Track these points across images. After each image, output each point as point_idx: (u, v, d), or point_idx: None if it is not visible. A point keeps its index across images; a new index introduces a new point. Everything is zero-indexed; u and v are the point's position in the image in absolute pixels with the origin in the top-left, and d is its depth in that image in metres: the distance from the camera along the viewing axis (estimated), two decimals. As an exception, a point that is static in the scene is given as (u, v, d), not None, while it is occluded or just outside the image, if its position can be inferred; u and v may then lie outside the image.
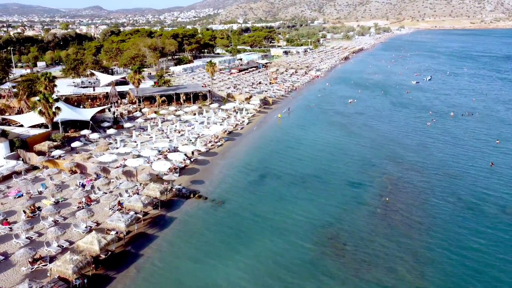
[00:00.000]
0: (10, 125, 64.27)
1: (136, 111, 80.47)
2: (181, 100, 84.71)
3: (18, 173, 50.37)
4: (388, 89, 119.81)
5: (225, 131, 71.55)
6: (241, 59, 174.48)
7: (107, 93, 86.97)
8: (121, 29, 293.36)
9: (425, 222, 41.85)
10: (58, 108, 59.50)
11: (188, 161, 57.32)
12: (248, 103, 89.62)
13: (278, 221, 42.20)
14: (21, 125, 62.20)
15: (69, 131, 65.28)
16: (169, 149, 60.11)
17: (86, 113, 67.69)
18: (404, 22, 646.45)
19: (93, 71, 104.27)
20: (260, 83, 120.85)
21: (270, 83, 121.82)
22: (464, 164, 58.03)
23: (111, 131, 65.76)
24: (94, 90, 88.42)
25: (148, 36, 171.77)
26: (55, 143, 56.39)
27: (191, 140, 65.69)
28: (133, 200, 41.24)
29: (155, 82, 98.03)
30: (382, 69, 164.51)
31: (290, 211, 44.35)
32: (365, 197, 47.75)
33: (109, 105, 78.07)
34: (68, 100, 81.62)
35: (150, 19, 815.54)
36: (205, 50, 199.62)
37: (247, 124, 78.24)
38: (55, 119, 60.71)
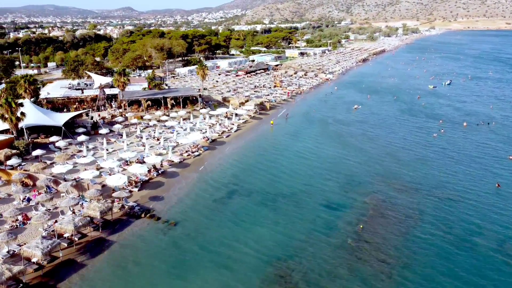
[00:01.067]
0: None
1: (120, 115, 76.46)
2: (169, 105, 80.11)
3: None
4: (401, 94, 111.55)
5: (208, 139, 66.40)
6: (253, 61, 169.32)
7: (96, 95, 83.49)
8: (145, 29, 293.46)
9: (401, 259, 35.25)
10: (22, 114, 55.83)
11: (154, 173, 52.50)
12: (242, 108, 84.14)
13: (229, 252, 36.56)
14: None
15: (40, 138, 61.70)
16: (138, 159, 55.49)
17: (59, 118, 64.03)
18: (435, 23, 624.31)
19: (89, 73, 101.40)
20: (263, 86, 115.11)
21: (275, 86, 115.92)
22: (465, 185, 50.50)
23: (82, 137, 61.76)
24: (82, 92, 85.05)
25: (160, 36, 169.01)
26: (14, 151, 52.67)
27: (165, 149, 60.96)
28: (65, 222, 36.58)
29: (149, 85, 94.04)
30: (400, 72, 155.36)
31: (246, 238, 38.66)
32: (338, 224, 41.42)
33: (87, 110, 74.22)
34: (53, 103, 78.62)
35: (179, 20, 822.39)
36: (219, 51, 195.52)
37: (235, 131, 72.84)
38: (20, 125, 57.11)
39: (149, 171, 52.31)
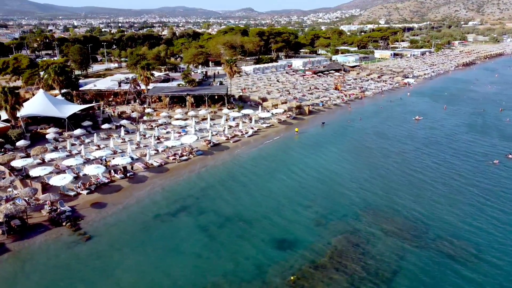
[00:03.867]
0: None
1: (134, 111, 74.05)
2: (188, 103, 75.41)
3: None
4: (491, 106, 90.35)
5: (209, 142, 59.84)
6: (334, 61, 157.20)
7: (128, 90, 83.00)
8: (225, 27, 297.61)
9: None
10: (18, 104, 56.09)
11: (119, 176, 47.86)
12: (269, 112, 75.52)
13: (121, 283, 29.81)
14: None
15: (44, 129, 61.85)
16: (102, 158, 51.31)
17: (68, 110, 63.61)
18: None
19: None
20: (316, 88, 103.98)
21: (336, 88, 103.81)
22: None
23: (78, 131, 60.25)
24: (119, 86, 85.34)
25: (242, 34, 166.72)
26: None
27: (158, 150, 56.28)
28: (-41, 222, 33.66)
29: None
30: (508, 79, 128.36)
31: (151, 269, 31.33)
32: (270, 270, 31.45)
33: (99, 103, 73.13)
34: (84, 95, 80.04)
35: (294, 20, 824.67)
36: (304, 50, 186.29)
37: (249, 136, 64.86)
38: (18, 114, 57.65)
39: (109, 172, 47.91)
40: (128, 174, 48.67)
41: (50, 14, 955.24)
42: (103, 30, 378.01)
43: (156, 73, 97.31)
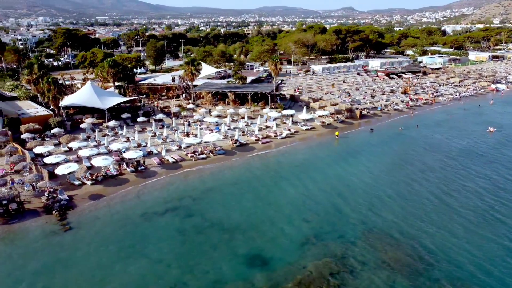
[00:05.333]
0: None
1: (181, 106, 74.43)
2: (228, 100, 73.59)
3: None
4: None
5: (235, 142, 57.44)
6: (420, 62, 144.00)
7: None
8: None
9: None
10: (60, 93, 59.47)
11: (129, 169, 47.84)
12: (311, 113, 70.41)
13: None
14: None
15: (85, 118, 64.80)
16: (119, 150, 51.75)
17: (109, 102, 66.02)
18: None
19: (202, 63, 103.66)
20: (382, 90, 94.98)
21: (404, 91, 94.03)
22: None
23: (111, 123, 62.07)
24: (173, 81, 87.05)
25: (321, 32, 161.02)
26: (36, 127, 56.58)
27: (179, 146, 55.58)
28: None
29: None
30: None
31: (97, 273, 30.10)
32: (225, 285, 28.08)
33: (140, 97, 74.32)
34: (139, 88, 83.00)
35: (396, 19, 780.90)
36: (390, 50, 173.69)
37: (282, 138, 61.00)
38: (61, 104, 61.22)
39: (119, 165, 48.06)
40: (139, 168, 48.41)
41: (160, 14, 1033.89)
42: (200, 28, 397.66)
43: (214, 69, 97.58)
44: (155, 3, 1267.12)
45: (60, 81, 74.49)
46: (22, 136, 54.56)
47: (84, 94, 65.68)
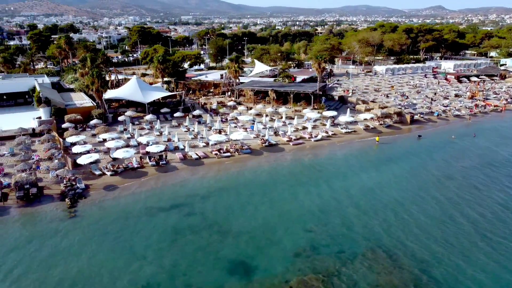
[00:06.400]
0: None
1: (223, 103, 74.21)
2: (269, 98, 71.62)
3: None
4: None
5: (265, 141, 55.69)
6: (502, 64, 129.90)
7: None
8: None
9: None
10: (103, 87, 62.18)
11: (150, 163, 48.41)
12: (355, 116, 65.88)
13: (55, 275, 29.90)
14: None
15: (124, 111, 67.00)
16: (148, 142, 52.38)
17: (151, 96, 67.82)
18: None
19: (256, 61, 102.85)
20: (446, 94, 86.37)
21: (472, 96, 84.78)
22: None
23: (148, 116, 63.53)
24: (221, 78, 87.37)
25: (392, 31, 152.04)
26: (77, 117, 59.76)
27: (207, 143, 55.25)
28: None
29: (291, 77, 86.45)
30: None
31: (83, 265, 30.41)
32: (189, 294, 26.71)
33: (180, 92, 74.86)
34: (189, 84, 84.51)
35: (491, 18, 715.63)
36: (471, 52, 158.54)
37: (316, 140, 57.92)
38: (105, 96, 64.08)
39: (141, 158, 48.77)
40: (160, 163, 48.78)
41: (241, 13, 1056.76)
42: (276, 27, 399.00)
43: (267, 67, 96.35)
44: (236, 3, 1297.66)
45: (113, 76, 78.30)
46: (63, 125, 57.91)
47: (129, 88, 68.16)
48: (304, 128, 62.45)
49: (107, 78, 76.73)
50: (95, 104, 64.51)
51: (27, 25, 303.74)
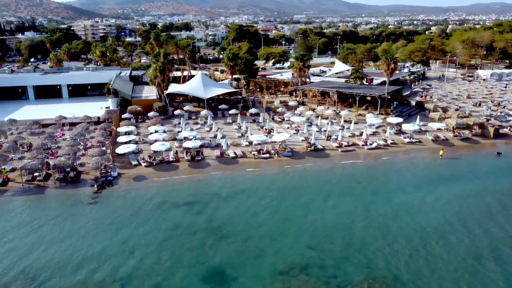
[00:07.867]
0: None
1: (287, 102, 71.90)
2: (330, 99, 67.06)
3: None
4: None
5: (310, 144, 52.43)
6: None
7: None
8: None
9: None
10: (164, 81, 64.81)
11: (186, 157, 48.87)
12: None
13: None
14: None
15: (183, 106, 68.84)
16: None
17: (212, 92, 68.66)
18: None
19: (336, 60, 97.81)
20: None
21: None
22: None
23: (203, 112, 64.21)
24: (292, 76, 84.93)
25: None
26: (138, 109, 63.18)
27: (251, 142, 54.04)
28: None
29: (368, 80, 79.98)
30: None
31: (79, 251, 31.70)
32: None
33: (240, 90, 73.38)
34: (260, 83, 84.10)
35: None
36: None
37: (370, 148, 52.67)
38: (169, 91, 66.81)
39: (176, 152, 49.43)
40: (196, 158, 48.96)
41: (356, 12, 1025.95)
42: (389, 26, 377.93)
43: (347, 67, 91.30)
44: (353, 2, 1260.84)
45: (186, 72, 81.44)
46: (123, 116, 61.72)
47: (192, 84, 69.97)
48: (361, 134, 57.22)
49: (179, 74, 79.99)
50: (155, 98, 67.72)
51: (148, 23, 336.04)
